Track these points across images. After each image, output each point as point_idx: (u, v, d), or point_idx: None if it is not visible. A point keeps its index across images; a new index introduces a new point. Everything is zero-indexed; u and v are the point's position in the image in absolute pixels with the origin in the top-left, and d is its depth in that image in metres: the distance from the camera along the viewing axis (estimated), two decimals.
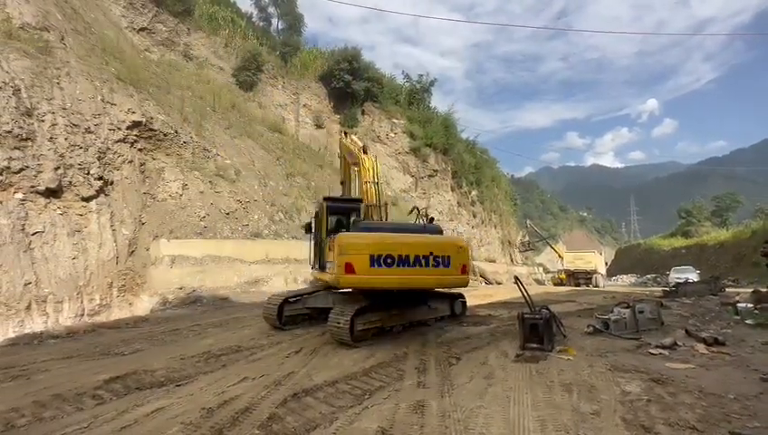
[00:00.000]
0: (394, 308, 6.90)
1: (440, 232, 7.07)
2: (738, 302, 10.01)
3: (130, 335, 7.49)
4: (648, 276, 35.25)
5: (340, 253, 5.89)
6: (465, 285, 6.70)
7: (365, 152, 8.22)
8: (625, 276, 40.57)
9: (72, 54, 11.94)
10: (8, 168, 8.93)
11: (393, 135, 28.44)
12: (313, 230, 8.16)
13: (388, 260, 5.85)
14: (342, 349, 5.97)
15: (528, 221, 41.35)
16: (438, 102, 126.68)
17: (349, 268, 5.84)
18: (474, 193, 33.02)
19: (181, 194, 13.44)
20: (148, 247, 11.80)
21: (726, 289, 15.50)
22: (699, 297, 12.96)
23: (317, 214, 8.19)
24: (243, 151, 17.69)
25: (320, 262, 7.77)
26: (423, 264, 5.98)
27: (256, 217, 15.44)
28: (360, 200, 7.71)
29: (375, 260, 5.83)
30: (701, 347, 5.76)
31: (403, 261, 5.91)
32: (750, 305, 9.05)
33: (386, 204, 7.68)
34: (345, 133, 9.84)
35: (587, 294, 17.33)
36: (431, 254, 6.02)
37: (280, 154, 19.93)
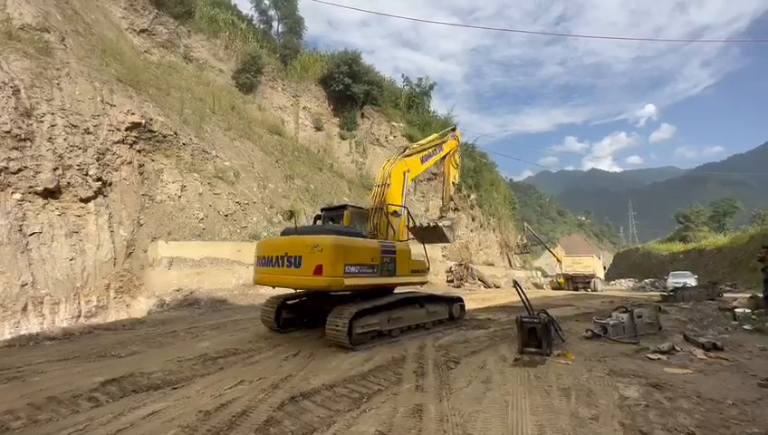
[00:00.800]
0: (393, 311, 6.91)
1: (337, 233, 6.64)
2: (736, 307, 10.06)
3: (127, 337, 7.44)
4: (647, 281, 35.27)
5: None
6: (322, 287, 6.03)
7: (403, 153, 8.47)
8: (623, 281, 40.56)
9: (72, 55, 11.95)
10: (6, 168, 8.92)
11: (392, 138, 28.51)
12: None
13: (263, 260, 6.72)
14: (340, 352, 5.95)
15: (525, 224, 41.32)
16: (437, 106, 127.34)
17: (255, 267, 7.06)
18: (472, 197, 33.08)
19: (180, 196, 13.42)
20: (146, 249, 11.77)
21: (724, 294, 15.55)
22: (697, 302, 13.01)
23: (315, 222, 8.29)
24: (242, 153, 17.69)
25: None
26: (279, 264, 6.32)
27: (255, 219, 15.43)
28: (342, 207, 7.76)
29: (258, 260, 6.84)
30: (699, 352, 5.77)
31: (268, 261, 6.57)
32: (748, 310, 9.09)
33: (385, 206, 7.65)
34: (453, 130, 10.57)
35: (585, 298, 17.36)
36: (286, 254, 6.23)
37: (279, 156, 19.95)
